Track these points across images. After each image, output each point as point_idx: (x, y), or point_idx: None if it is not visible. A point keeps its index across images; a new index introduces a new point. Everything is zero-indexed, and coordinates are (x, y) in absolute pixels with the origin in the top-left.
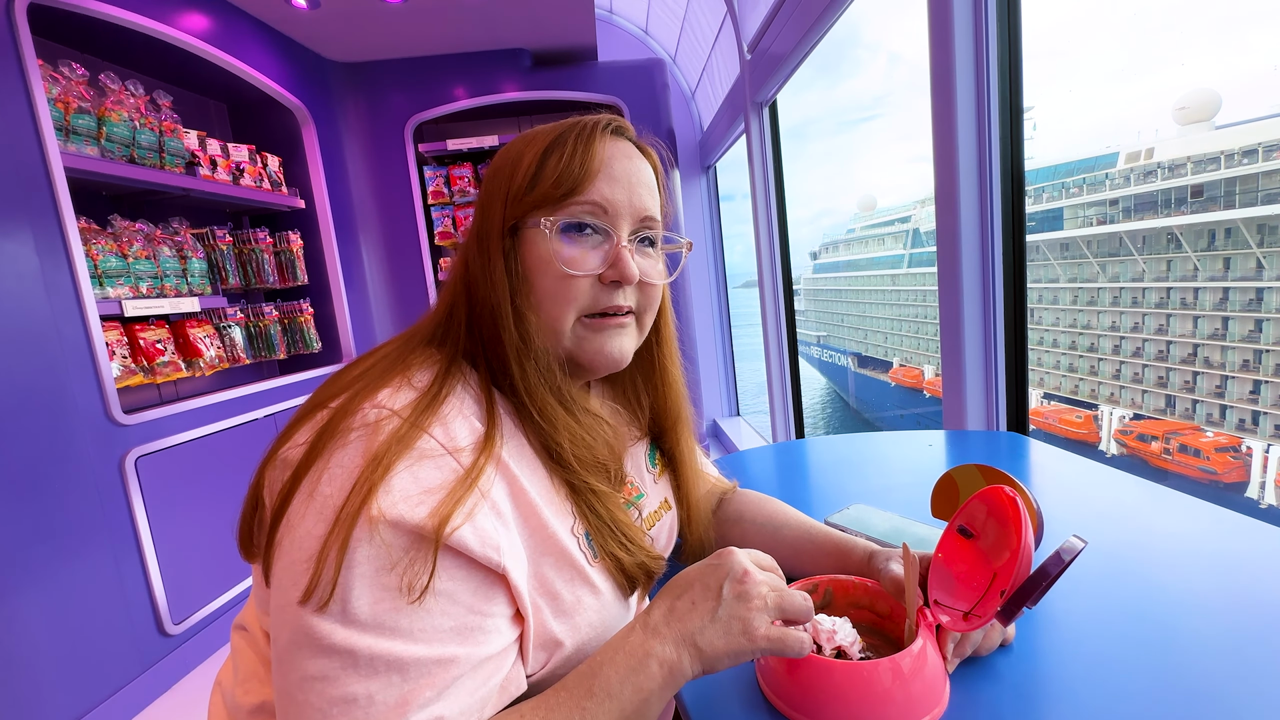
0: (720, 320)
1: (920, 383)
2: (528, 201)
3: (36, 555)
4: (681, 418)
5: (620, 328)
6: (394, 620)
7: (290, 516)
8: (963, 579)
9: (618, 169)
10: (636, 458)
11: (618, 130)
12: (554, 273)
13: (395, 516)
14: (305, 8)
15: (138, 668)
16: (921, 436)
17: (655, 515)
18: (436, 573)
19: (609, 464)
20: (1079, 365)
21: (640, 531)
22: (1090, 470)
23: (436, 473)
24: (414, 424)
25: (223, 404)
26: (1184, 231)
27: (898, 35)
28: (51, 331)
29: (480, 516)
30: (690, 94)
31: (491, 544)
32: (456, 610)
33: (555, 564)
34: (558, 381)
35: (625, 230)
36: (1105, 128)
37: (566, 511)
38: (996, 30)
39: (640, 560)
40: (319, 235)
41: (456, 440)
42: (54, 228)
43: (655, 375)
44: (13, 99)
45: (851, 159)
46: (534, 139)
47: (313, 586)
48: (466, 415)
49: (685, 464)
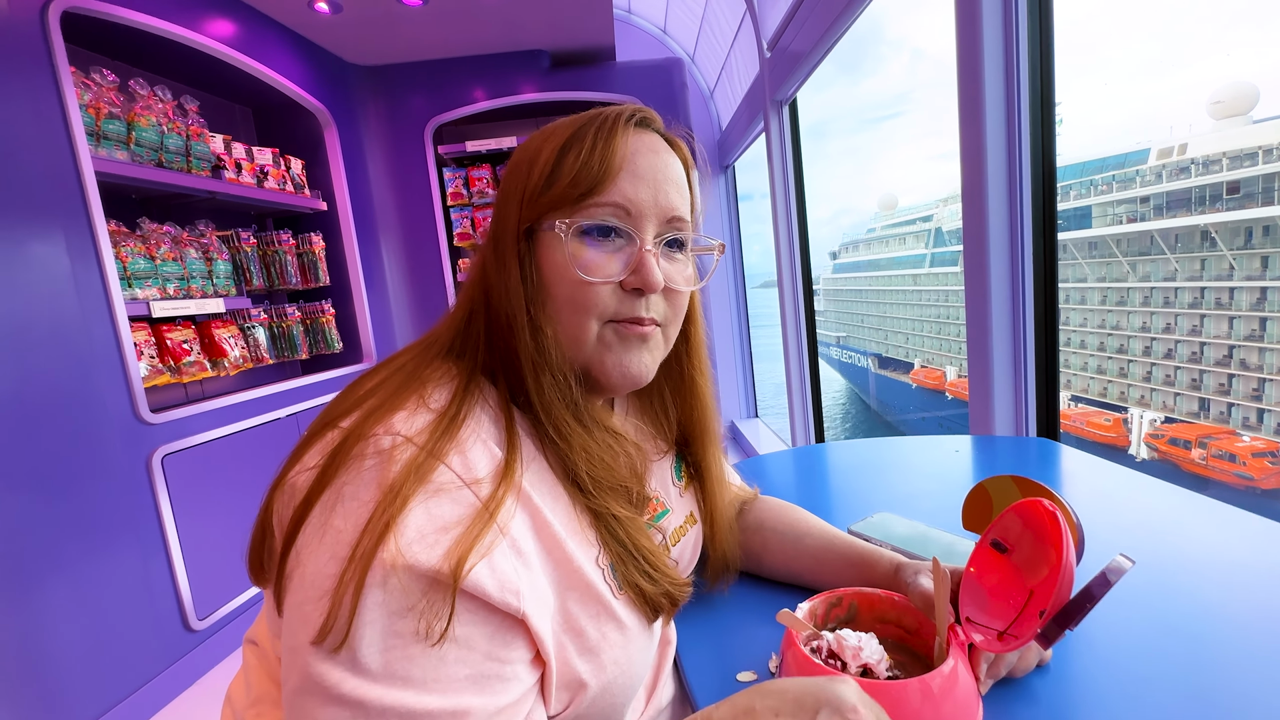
0: (739, 321)
1: (942, 384)
2: (543, 202)
3: (67, 551)
4: (709, 430)
5: (643, 340)
6: (406, 669)
7: (301, 549)
8: (996, 596)
9: (642, 165)
10: (662, 472)
11: (643, 122)
12: (571, 279)
13: (411, 559)
14: (328, 12)
15: (163, 663)
16: (947, 442)
17: (680, 531)
18: (454, 618)
19: (630, 485)
20: (1107, 367)
21: (664, 558)
22: (1127, 479)
23: (453, 508)
24: (431, 452)
25: (246, 403)
26: (1219, 229)
27: (922, 30)
28: (82, 332)
29: (499, 556)
30: (709, 93)
31: (510, 588)
32: (473, 657)
33: (580, 599)
34: (574, 397)
35: (650, 232)
36: (1134, 124)
37: (590, 541)
38: (1027, 19)
39: (665, 589)
40: (340, 237)
41: (475, 470)
42: (85, 231)
43: (684, 387)
44: (46, 105)
45: (872, 157)
46: (553, 133)
47: (325, 630)
48: (485, 440)
49: (711, 476)
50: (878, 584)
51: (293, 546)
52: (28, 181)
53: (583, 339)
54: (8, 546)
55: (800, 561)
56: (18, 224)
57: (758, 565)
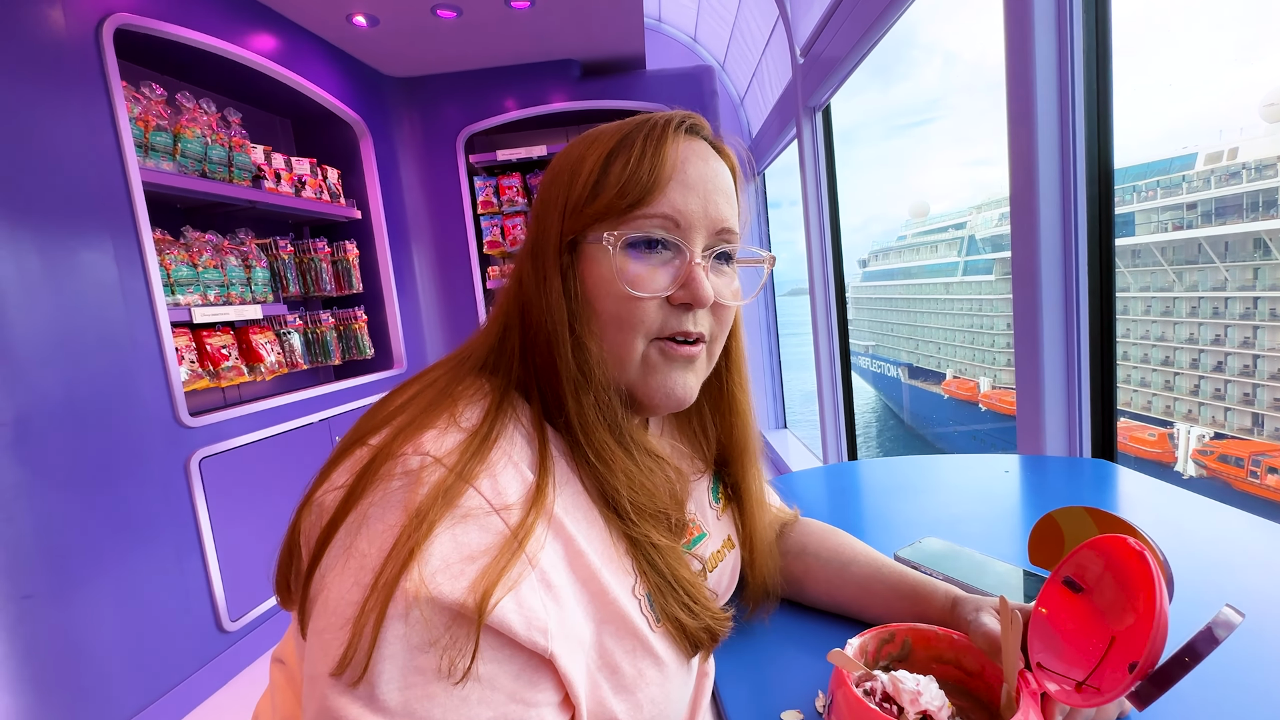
0: (768, 329)
1: (975, 396)
2: (589, 213)
3: (108, 550)
4: (749, 449)
5: (689, 361)
6: (426, 709)
7: (325, 573)
8: (1071, 640)
9: (692, 174)
10: (699, 493)
11: (693, 129)
12: (617, 294)
13: (434, 591)
14: (365, 26)
15: (196, 662)
16: (995, 461)
17: (718, 555)
18: (478, 655)
19: (670, 511)
20: (1151, 379)
21: (704, 589)
22: (1195, 505)
23: (481, 535)
24: (460, 475)
25: (281, 408)
26: (1274, 236)
27: (956, 34)
28: (127, 338)
29: (526, 590)
30: (739, 100)
31: (538, 625)
32: (496, 699)
33: (616, 634)
34: (618, 419)
35: (699, 244)
36: (1177, 128)
37: (627, 570)
38: (1082, 14)
39: (705, 623)
40: (374, 245)
41: (505, 496)
42: (132, 239)
43: (724, 404)
44: (99, 119)
45: (903, 164)
46: (597, 140)
47: (345, 662)
48: (517, 462)
49: (751, 498)
50: (932, 619)
51: (317, 569)
52: (80, 192)
53: (627, 358)
54: (54, 543)
55: (845, 591)
56: (70, 234)
57: (799, 593)
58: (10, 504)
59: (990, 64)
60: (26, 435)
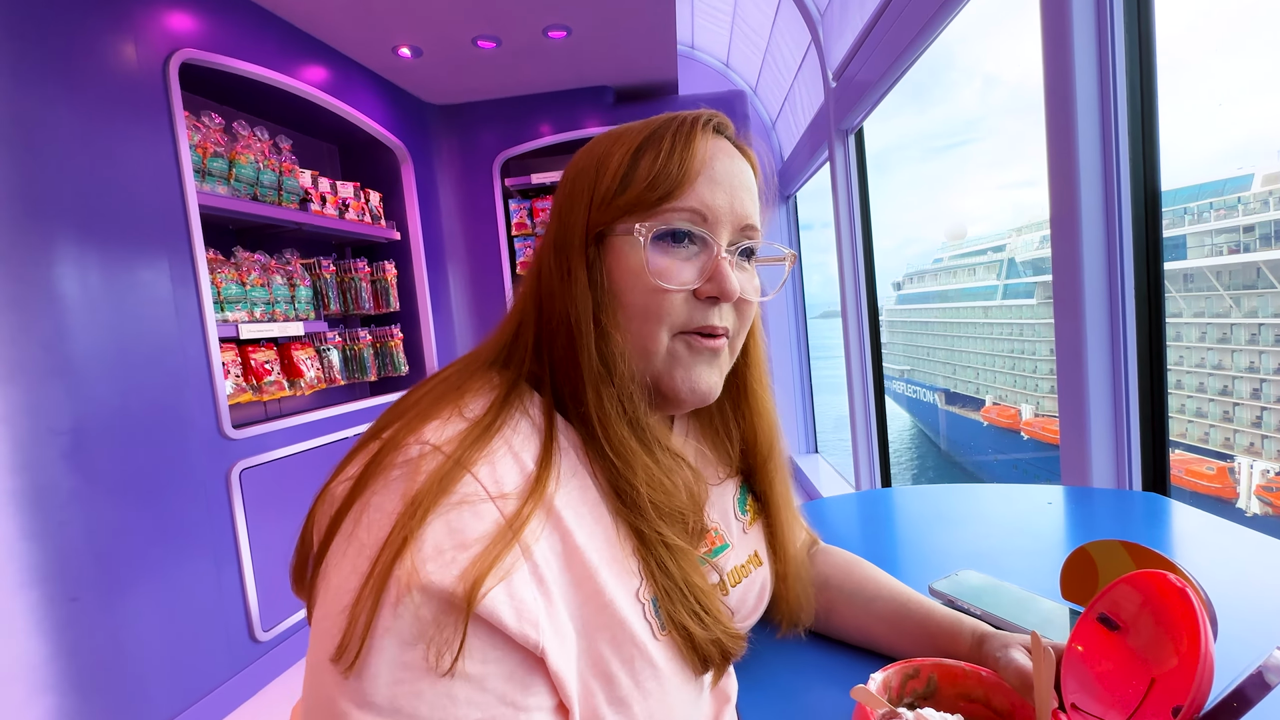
0: (799, 352)
1: (1016, 423)
2: (618, 205)
3: (151, 556)
4: (774, 452)
5: (714, 354)
6: (414, 707)
7: (329, 560)
8: (1108, 681)
9: (719, 170)
10: (724, 501)
11: (719, 127)
12: (644, 285)
13: (425, 578)
14: (409, 57)
15: (229, 670)
16: (1038, 492)
17: (742, 570)
18: (467, 650)
19: (687, 514)
20: (1209, 410)
21: (718, 601)
22: (1258, 545)
23: (476, 522)
24: (458, 462)
25: (318, 422)
26: None
27: (997, 57)
28: (178, 352)
29: (519, 581)
30: (771, 124)
31: (529, 618)
32: (485, 700)
33: (612, 640)
34: (639, 414)
35: (725, 239)
36: (1231, 150)
37: (632, 571)
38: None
39: (715, 636)
40: (411, 265)
41: (503, 484)
42: (187, 259)
43: (744, 401)
44: (162, 146)
45: (939, 186)
46: (623, 136)
47: (341, 648)
48: (518, 452)
49: (780, 509)
50: (960, 655)
51: (324, 557)
52: (141, 214)
53: (652, 349)
54: (101, 548)
55: (873, 628)
56: (130, 253)
57: (824, 626)
58: (63, 509)
59: (1031, 86)
60: (82, 444)
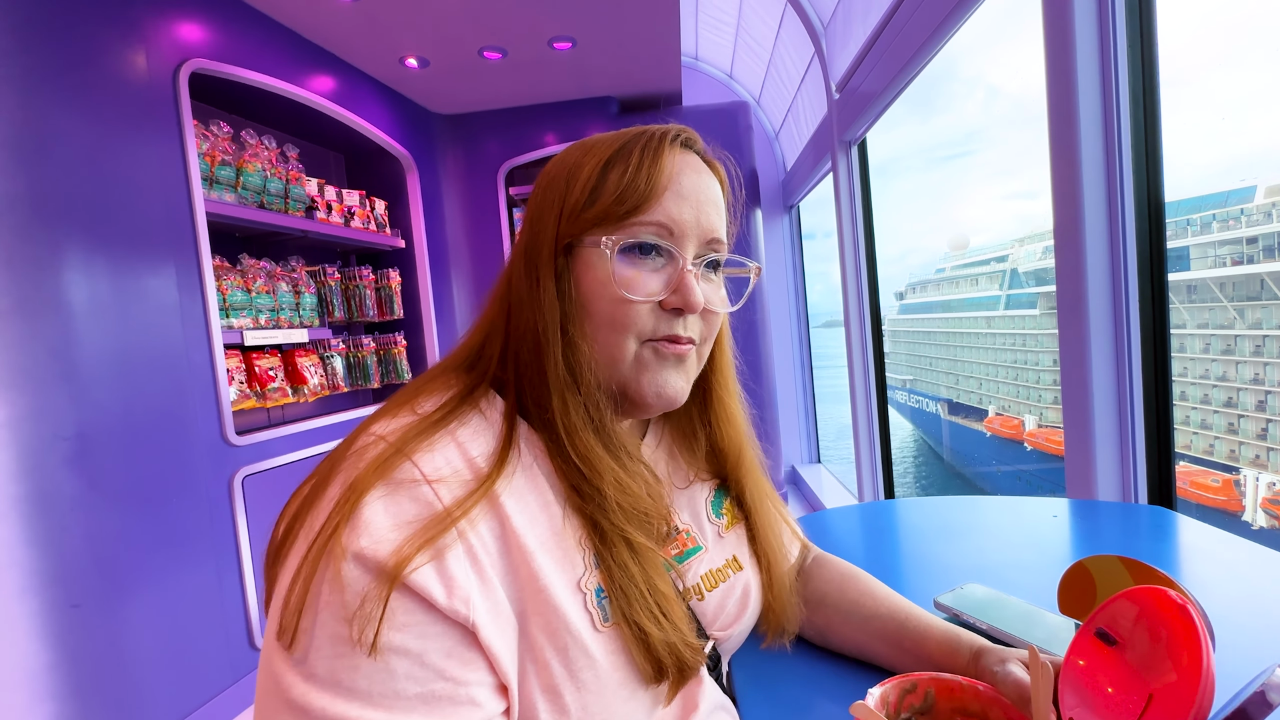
0: (801, 361)
1: (1019, 434)
2: (586, 218)
3: (153, 563)
4: (743, 457)
5: (679, 360)
6: (351, 680)
7: (287, 551)
8: (1103, 695)
9: (686, 185)
10: (695, 504)
11: (687, 142)
12: (611, 296)
13: (355, 552)
14: (416, 67)
15: (229, 678)
16: (1043, 505)
17: (719, 574)
18: (399, 627)
19: (652, 516)
20: (1213, 421)
21: (681, 608)
22: (1266, 560)
23: (411, 505)
24: (399, 450)
25: (321, 429)
26: None
27: (1000, 68)
28: (183, 358)
29: (451, 560)
30: (774, 134)
31: (460, 594)
32: (424, 674)
33: (546, 626)
34: (605, 420)
35: (691, 252)
36: (1233, 163)
37: (576, 561)
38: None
39: (672, 641)
40: (416, 273)
41: (440, 471)
42: (193, 266)
43: (711, 408)
44: (171, 154)
45: (941, 197)
46: (593, 148)
47: (284, 627)
48: (463, 443)
49: (756, 512)
50: (958, 670)
51: (286, 548)
52: (149, 222)
53: (619, 357)
54: (103, 554)
55: (871, 645)
56: (137, 259)
57: (823, 643)
58: (66, 515)
59: (1034, 97)
60: (86, 450)
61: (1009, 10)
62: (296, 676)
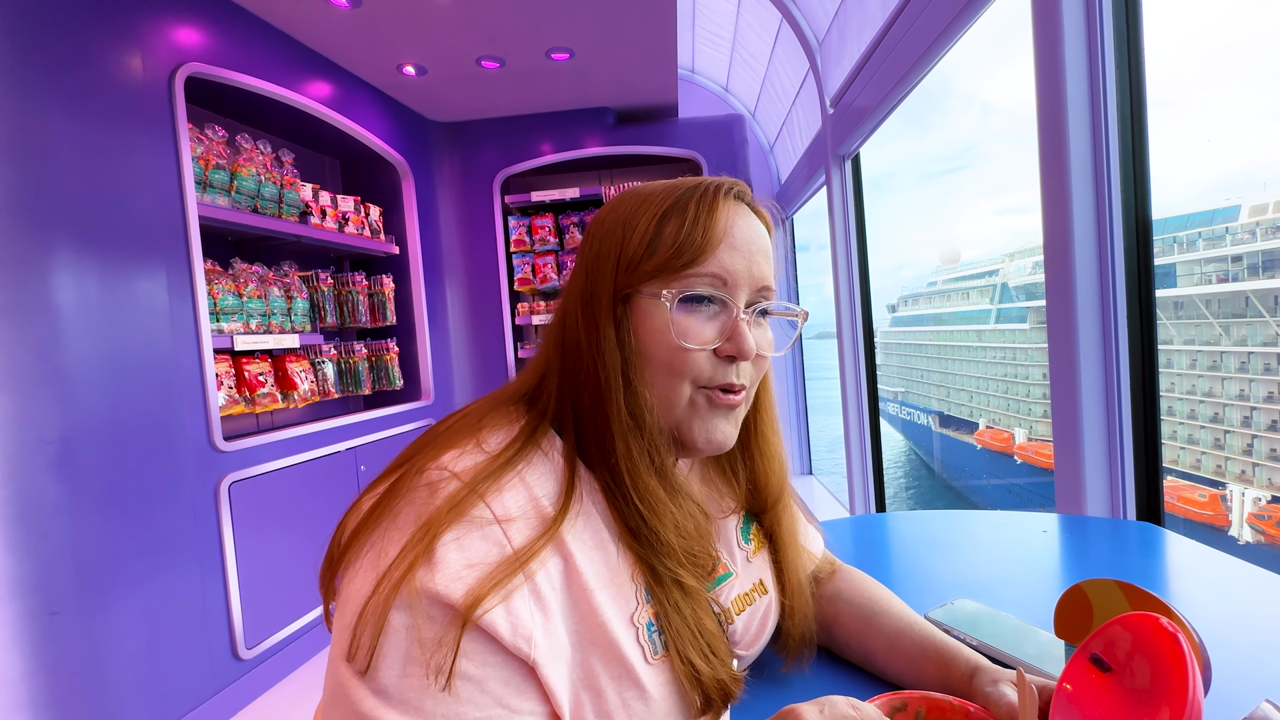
0: (794, 373)
1: (1009, 447)
2: (644, 270)
3: (135, 570)
4: (784, 493)
5: (731, 409)
6: (419, 699)
7: (349, 569)
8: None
9: (739, 236)
10: (727, 531)
11: (739, 195)
12: (669, 344)
13: (432, 591)
14: (414, 75)
15: (210, 689)
16: (1033, 520)
17: (746, 598)
18: (465, 655)
19: (699, 553)
20: (1200, 437)
21: (725, 644)
22: (1252, 578)
23: (483, 545)
24: (472, 489)
25: (311, 435)
26: None
27: (993, 85)
28: (172, 362)
29: (517, 601)
30: (769, 147)
31: (523, 633)
32: (484, 700)
33: (603, 656)
34: (666, 464)
35: (743, 300)
36: (1220, 183)
37: (629, 596)
38: (1115, 62)
39: (721, 677)
40: (409, 279)
41: (510, 512)
42: (184, 269)
43: (754, 445)
44: (165, 157)
45: (934, 211)
46: (648, 199)
47: (355, 647)
48: (530, 485)
49: (787, 545)
50: (954, 685)
51: (344, 565)
52: (141, 225)
53: (675, 402)
54: (85, 560)
55: (872, 641)
56: (128, 262)
57: (828, 638)
58: (47, 520)
59: (1026, 114)
60: (70, 454)
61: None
62: (367, 692)
